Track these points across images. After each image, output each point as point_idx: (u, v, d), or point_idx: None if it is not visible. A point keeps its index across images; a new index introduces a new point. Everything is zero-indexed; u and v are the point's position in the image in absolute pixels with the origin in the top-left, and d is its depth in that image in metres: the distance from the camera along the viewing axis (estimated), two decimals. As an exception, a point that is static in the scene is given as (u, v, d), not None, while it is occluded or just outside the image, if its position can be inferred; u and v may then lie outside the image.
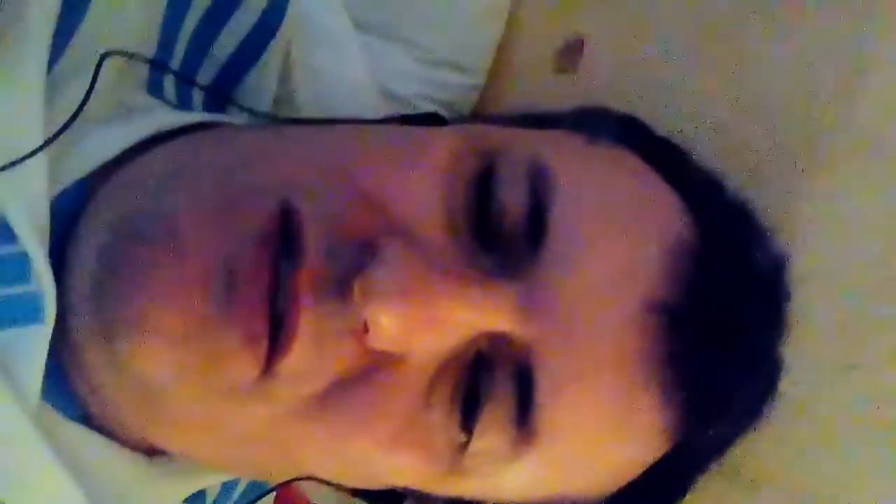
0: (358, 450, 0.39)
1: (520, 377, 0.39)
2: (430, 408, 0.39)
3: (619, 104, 0.49)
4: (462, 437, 0.39)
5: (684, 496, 0.47)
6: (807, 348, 0.48)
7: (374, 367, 0.38)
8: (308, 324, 0.37)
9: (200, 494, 0.47)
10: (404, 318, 0.36)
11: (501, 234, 0.39)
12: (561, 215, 0.39)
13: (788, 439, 0.52)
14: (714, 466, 0.48)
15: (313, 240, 0.37)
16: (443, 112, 0.53)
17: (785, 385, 0.48)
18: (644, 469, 0.43)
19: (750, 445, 0.48)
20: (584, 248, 0.39)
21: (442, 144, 0.41)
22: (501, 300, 0.38)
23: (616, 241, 0.40)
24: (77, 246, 0.40)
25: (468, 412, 0.39)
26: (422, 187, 0.39)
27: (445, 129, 0.45)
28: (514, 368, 0.39)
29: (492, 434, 0.39)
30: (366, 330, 0.37)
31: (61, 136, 0.40)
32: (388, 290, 0.36)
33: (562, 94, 0.57)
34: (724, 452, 0.46)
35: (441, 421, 0.39)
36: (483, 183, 0.40)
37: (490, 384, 0.39)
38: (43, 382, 0.39)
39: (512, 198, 0.39)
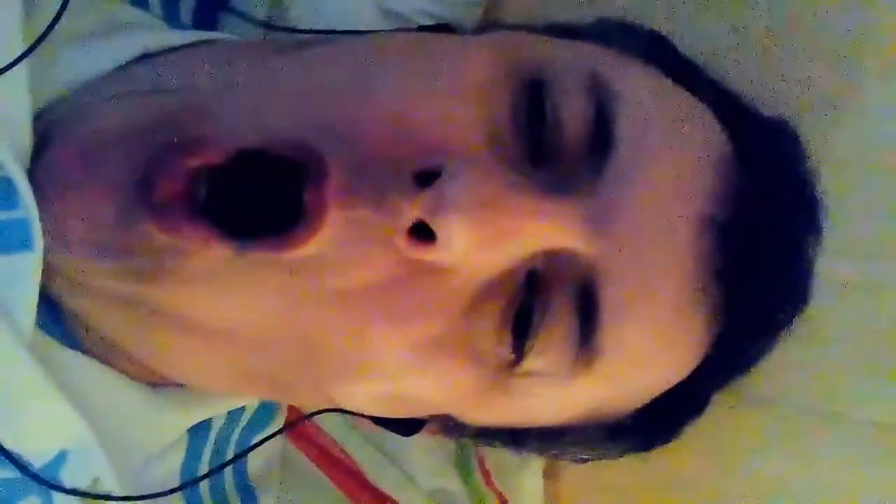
0: (390, 350, 0.37)
1: (583, 296, 0.38)
2: (473, 321, 0.38)
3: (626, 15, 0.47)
4: (511, 356, 0.38)
5: (704, 409, 0.46)
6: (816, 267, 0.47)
7: (413, 276, 0.37)
8: (334, 221, 0.35)
9: (205, 424, 0.46)
10: (478, 230, 0.35)
11: (557, 149, 0.38)
12: (626, 128, 0.38)
13: (795, 358, 0.52)
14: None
15: (336, 165, 0.36)
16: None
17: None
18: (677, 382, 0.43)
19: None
20: (649, 163, 0.38)
21: (474, 56, 0.39)
22: (572, 216, 0.37)
23: (675, 156, 0.39)
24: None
25: (520, 333, 0.38)
26: (458, 106, 0.37)
27: (472, 39, 0.43)
28: (575, 287, 0.38)
29: (550, 355, 0.38)
30: (409, 240, 0.35)
31: (42, 56, 0.37)
32: (463, 204, 0.35)
33: (568, 10, 0.55)
34: (753, 366, 0.46)
35: (489, 338, 0.38)
36: (532, 95, 0.38)
37: (547, 306, 0.38)
38: (38, 312, 0.38)
39: (570, 110, 0.38)
